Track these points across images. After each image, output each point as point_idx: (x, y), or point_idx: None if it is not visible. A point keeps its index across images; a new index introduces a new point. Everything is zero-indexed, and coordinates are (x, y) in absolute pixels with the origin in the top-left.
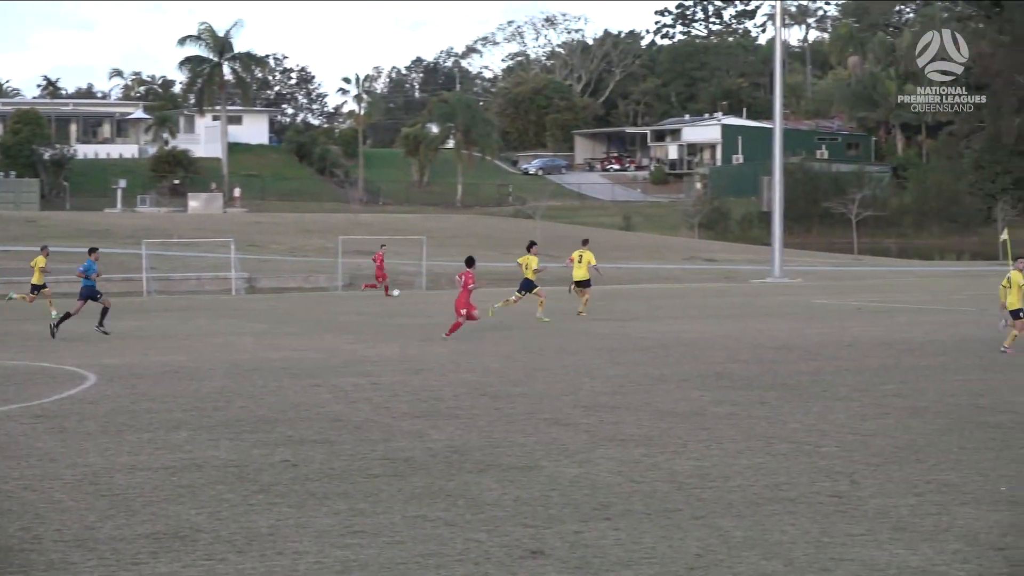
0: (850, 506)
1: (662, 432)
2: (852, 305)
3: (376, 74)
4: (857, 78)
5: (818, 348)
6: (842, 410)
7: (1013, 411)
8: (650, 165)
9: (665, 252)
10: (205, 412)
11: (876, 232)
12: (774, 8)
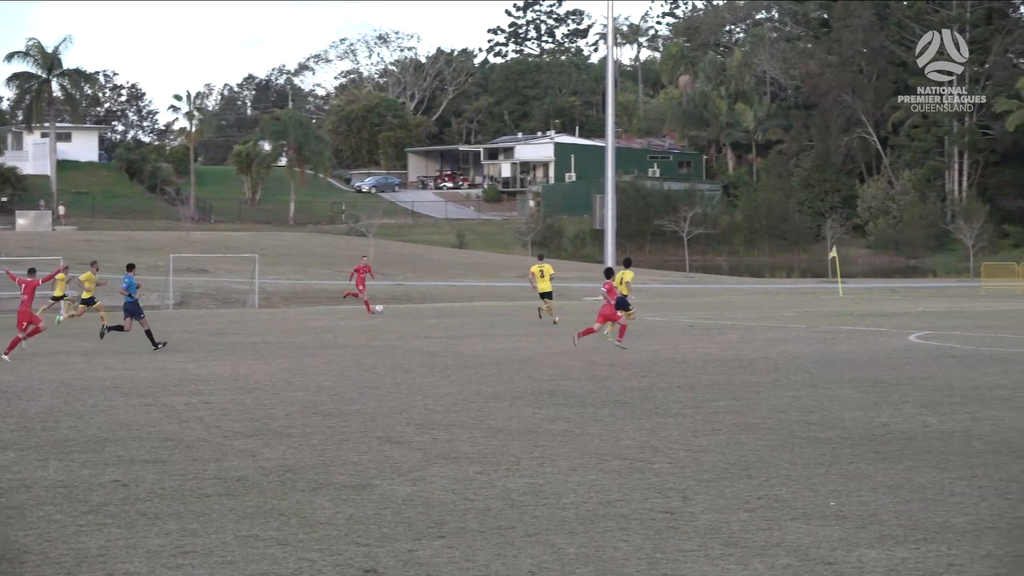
0: (682, 522)
1: (496, 450)
2: (684, 322)
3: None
4: (688, 97)
5: (650, 365)
6: (674, 427)
7: (842, 427)
8: (483, 183)
9: (498, 269)
10: (33, 432)
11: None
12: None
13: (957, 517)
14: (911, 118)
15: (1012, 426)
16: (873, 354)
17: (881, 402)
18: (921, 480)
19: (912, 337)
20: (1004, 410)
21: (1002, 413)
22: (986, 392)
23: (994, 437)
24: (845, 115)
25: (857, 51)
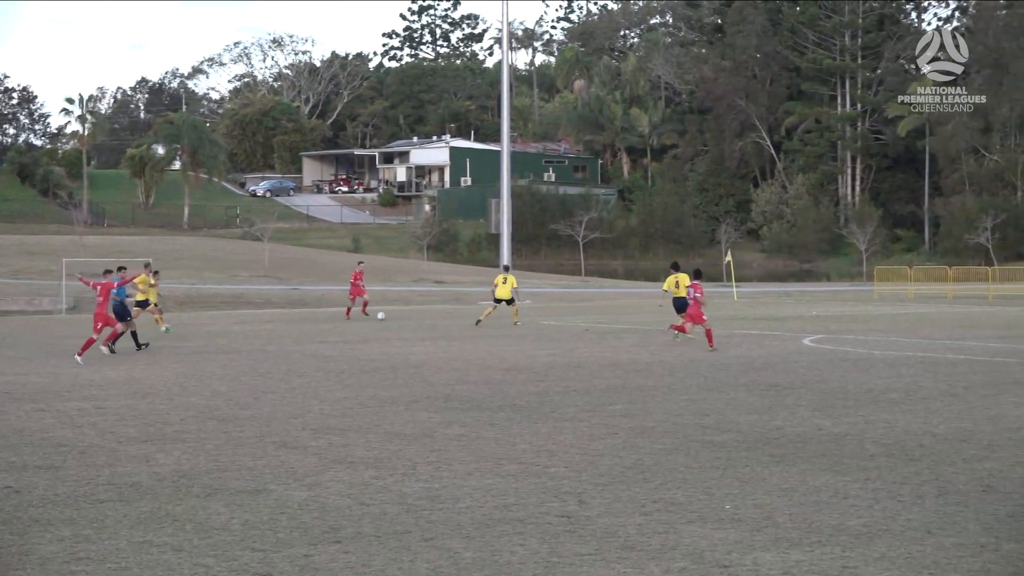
0: (579, 526)
1: (392, 454)
2: (580, 326)
3: (100, 94)
4: (583, 102)
5: (546, 369)
6: (570, 431)
7: (737, 430)
8: (379, 187)
9: (394, 274)
10: None
11: (603, 254)
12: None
13: (851, 519)
14: (804, 123)
15: (904, 429)
16: (767, 358)
17: (775, 405)
18: (815, 483)
19: (806, 341)
20: (896, 413)
21: (894, 416)
22: (879, 395)
23: (887, 440)
24: (739, 120)
25: (751, 56)
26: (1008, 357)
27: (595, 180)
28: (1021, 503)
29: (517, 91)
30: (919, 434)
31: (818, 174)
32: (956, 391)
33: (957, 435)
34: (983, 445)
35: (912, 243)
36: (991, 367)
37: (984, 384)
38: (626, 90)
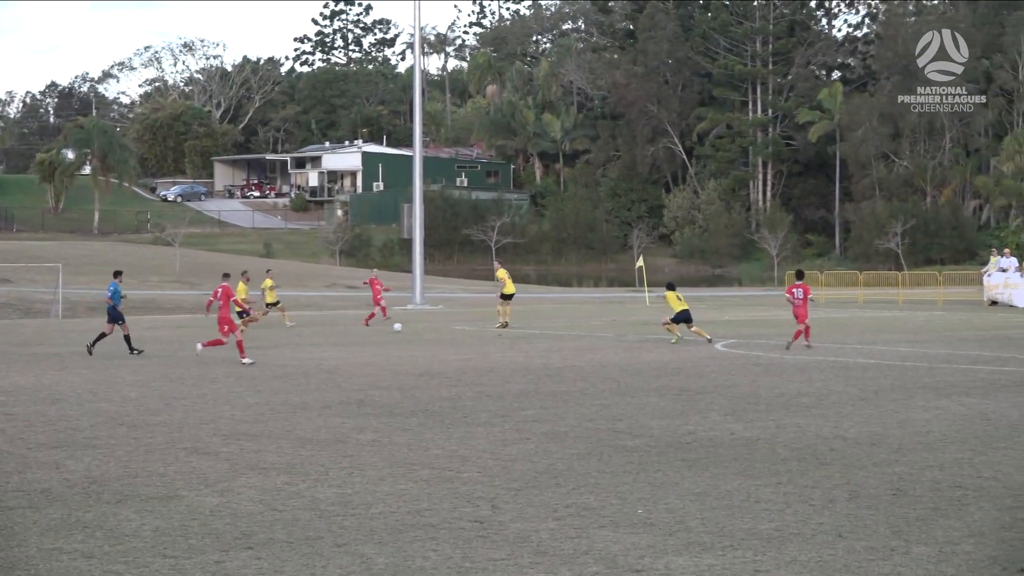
0: (491, 531)
1: (304, 460)
2: (493, 331)
3: (9, 98)
4: (496, 107)
5: (459, 374)
6: (483, 436)
7: (649, 435)
8: (290, 192)
9: (306, 279)
10: None
11: (515, 259)
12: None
13: (763, 523)
14: (716, 128)
15: (816, 433)
16: (680, 362)
17: (688, 410)
18: (727, 487)
19: (718, 346)
20: (808, 417)
21: (806, 420)
22: (790, 400)
23: (798, 444)
24: (651, 125)
25: (663, 62)
26: (918, 361)
27: (508, 185)
28: (931, 507)
29: (429, 96)
30: (830, 438)
31: (730, 179)
32: (866, 395)
33: (868, 439)
34: (893, 449)
35: (823, 248)
36: (901, 371)
37: (894, 388)
38: (538, 95)
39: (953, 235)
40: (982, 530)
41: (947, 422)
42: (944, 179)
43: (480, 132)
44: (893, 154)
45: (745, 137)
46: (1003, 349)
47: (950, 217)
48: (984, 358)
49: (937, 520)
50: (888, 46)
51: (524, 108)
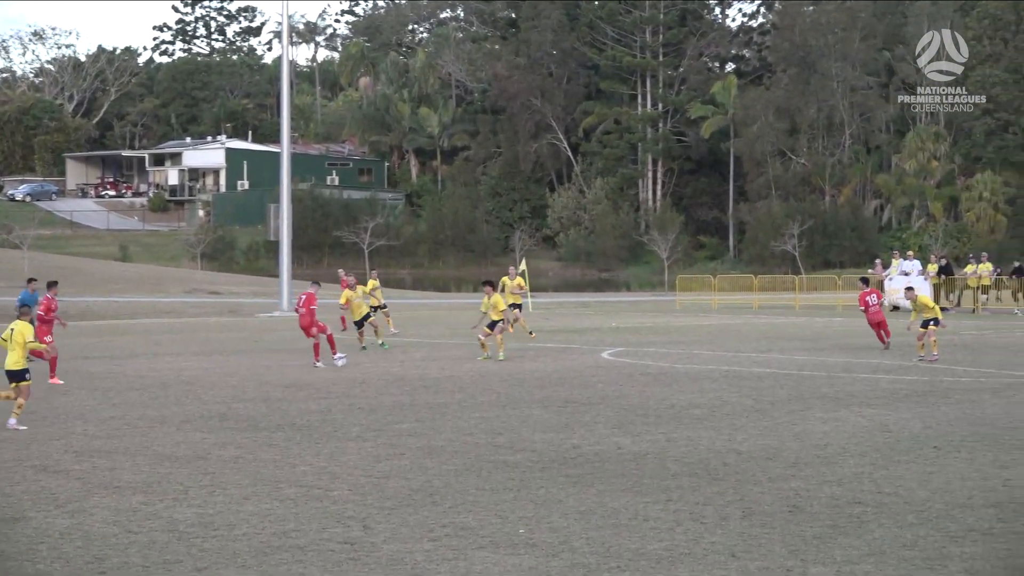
0: (363, 553)
1: (161, 478)
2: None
3: None
4: (369, 100)
5: (329, 385)
6: (354, 451)
7: (532, 450)
8: (148, 191)
9: (165, 284)
10: None
11: (390, 262)
12: (280, 25)
13: (651, 543)
14: (603, 123)
15: (708, 447)
16: (564, 372)
17: (573, 423)
18: (614, 505)
19: (605, 354)
20: (699, 430)
21: (697, 433)
22: (681, 411)
23: (689, 459)
24: (534, 120)
25: (547, 53)
26: (815, 370)
27: (381, 184)
28: (829, 524)
29: (298, 89)
30: (723, 452)
31: (617, 178)
32: (762, 406)
33: (763, 453)
34: (789, 463)
35: (716, 251)
36: (798, 381)
37: (790, 399)
38: (415, 88)
39: (853, 237)
40: (883, 549)
41: (846, 434)
42: (843, 178)
43: (352, 127)
44: (790, 151)
45: (634, 133)
46: (905, 357)
47: (850, 218)
48: (885, 367)
49: (835, 538)
50: (785, 37)
51: (399, 102)
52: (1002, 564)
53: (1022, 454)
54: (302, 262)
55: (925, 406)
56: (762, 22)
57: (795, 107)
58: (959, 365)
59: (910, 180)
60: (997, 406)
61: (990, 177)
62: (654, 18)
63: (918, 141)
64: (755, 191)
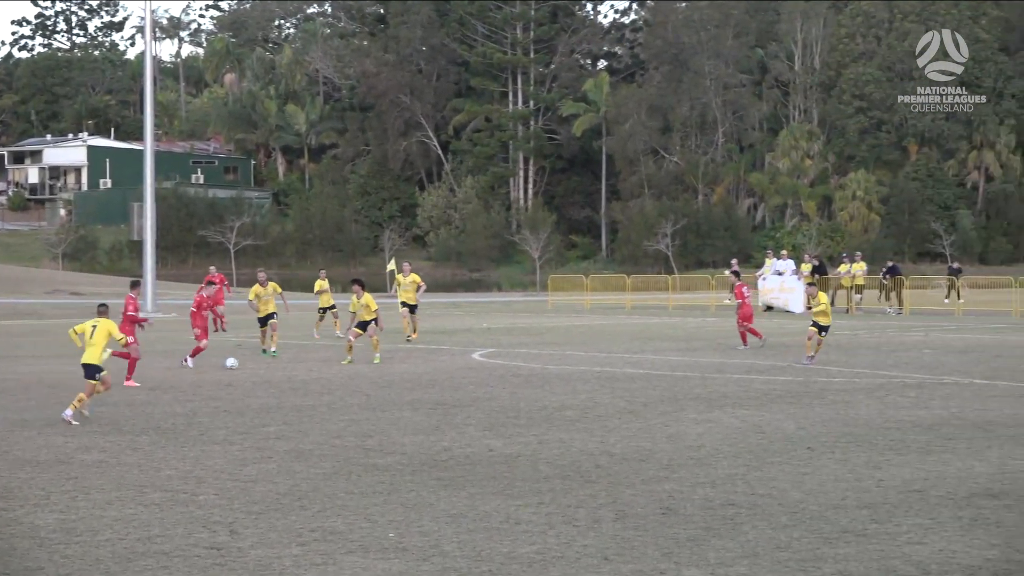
0: (230, 558)
1: (22, 483)
2: (231, 341)
3: None
4: (235, 97)
5: (195, 388)
6: (221, 455)
7: (402, 452)
8: (8, 190)
9: (25, 285)
10: None
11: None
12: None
13: (523, 546)
14: (474, 121)
15: (580, 449)
16: (434, 374)
17: (443, 425)
18: (485, 508)
19: (476, 355)
20: (572, 432)
21: (570, 435)
22: (553, 413)
23: (562, 461)
24: (404, 118)
25: (416, 49)
26: (689, 371)
27: (248, 182)
28: (702, 526)
29: (162, 85)
30: (596, 454)
31: (488, 176)
32: (634, 408)
33: (635, 455)
34: (662, 465)
35: (588, 250)
36: (671, 382)
37: (663, 400)
38: (281, 85)
39: (726, 236)
40: (756, 551)
41: (719, 436)
42: (717, 176)
43: (218, 125)
44: (663, 149)
45: (505, 131)
46: (778, 358)
47: (723, 217)
48: (759, 367)
49: (709, 540)
50: (657, 34)
51: (266, 99)
52: (876, 565)
53: (895, 455)
54: (166, 262)
55: (799, 407)
56: (634, 19)
57: (668, 105)
58: (832, 366)
59: (784, 179)
60: (870, 406)
61: (863, 176)
62: (525, 14)
63: (791, 139)
64: (628, 190)
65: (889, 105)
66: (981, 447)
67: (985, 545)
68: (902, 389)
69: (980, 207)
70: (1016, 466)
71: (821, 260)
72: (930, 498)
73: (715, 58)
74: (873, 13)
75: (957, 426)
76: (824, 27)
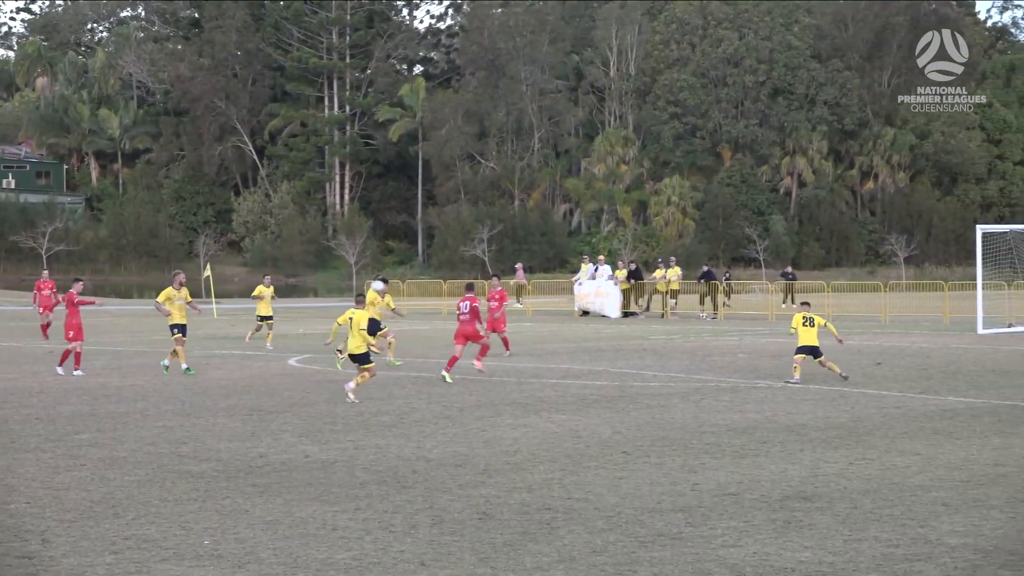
0: (41, 567)
1: None
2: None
3: None
4: (47, 101)
5: (5, 395)
6: (32, 462)
7: (217, 459)
8: None
9: None
10: None
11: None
12: None
13: (340, 553)
14: (290, 126)
15: (397, 454)
16: (250, 380)
17: (259, 431)
18: (302, 514)
19: (292, 361)
20: (388, 437)
21: (386, 441)
22: (370, 419)
23: (378, 466)
24: (219, 123)
25: (231, 54)
26: (505, 376)
27: (60, 187)
28: (519, 531)
29: None
30: (412, 460)
31: (304, 181)
32: (451, 413)
33: (452, 460)
34: (479, 470)
35: (405, 255)
36: (487, 387)
37: (480, 405)
38: (94, 89)
39: (543, 241)
40: (573, 555)
41: (536, 440)
42: (533, 182)
43: (29, 129)
44: (479, 155)
45: (321, 136)
46: (595, 362)
47: (539, 222)
48: (575, 372)
49: (526, 545)
50: (473, 39)
51: (78, 103)
52: (691, 568)
53: (710, 458)
54: None
55: (615, 411)
56: (451, 24)
57: (484, 110)
58: (648, 370)
59: (599, 184)
60: (686, 410)
61: (678, 181)
62: (341, 19)
63: (607, 145)
64: (444, 195)
65: (703, 111)
66: (794, 450)
67: (798, 547)
68: (716, 393)
69: (793, 212)
70: (828, 469)
71: (637, 265)
72: (744, 501)
73: (531, 64)
74: (687, 20)
75: (770, 430)
76: (639, 33)
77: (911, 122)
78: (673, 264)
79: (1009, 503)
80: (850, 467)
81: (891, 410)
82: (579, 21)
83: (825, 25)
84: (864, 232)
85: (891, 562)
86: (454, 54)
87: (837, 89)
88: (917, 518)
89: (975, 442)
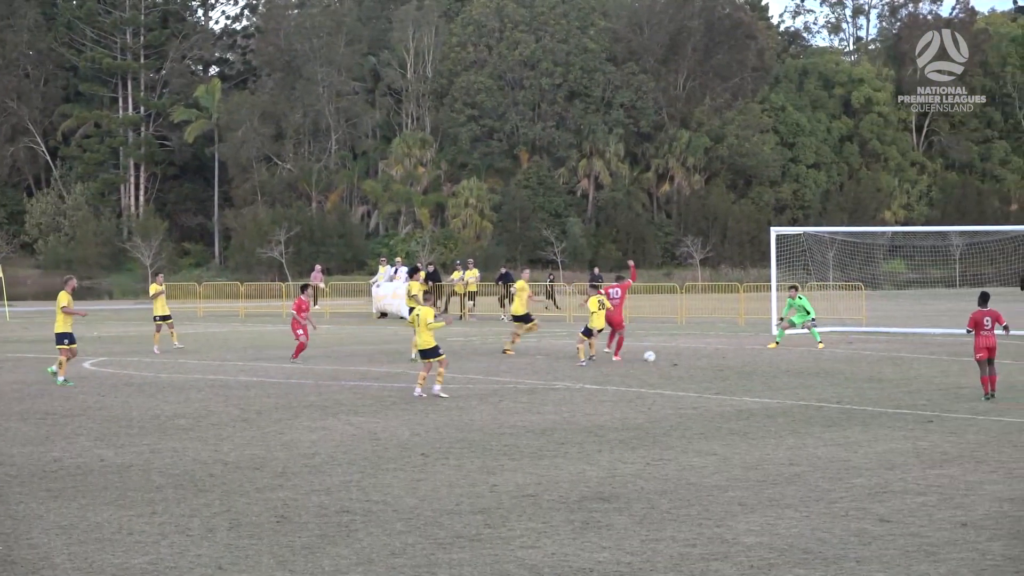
0: None
1: None
2: None
3: None
4: None
5: None
6: None
7: (10, 464)
8: None
9: None
10: None
11: None
12: None
13: (136, 557)
14: (83, 127)
15: (193, 458)
16: (44, 384)
17: (53, 435)
18: (97, 519)
19: (87, 364)
20: (185, 441)
21: (183, 444)
22: (166, 422)
23: (175, 470)
24: (10, 123)
25: (23, 53)
26: (303, 379)
27: None
28: (317, 534)
29: None
30: (209, 463)
31: (99, 183)
32: (248, 416)
33: (250, 463)
34: (277, 473)
35: (202, 257)
36: (286, 390)
37: (278, 408)
38: None
39: (340, 243)
40: (371, 557)
41: (334, 443)
42: (330, 183)
43: None
44: (276, 156)
45: (115, 137)
46: (393, 364)
47: (337, 224)
48: (373, 374)
49: (324, 548)
50: (270, 40)
51: None
52: (489, 570)
53: (509, 460)
54: None
55: (413, 413)
56: (246, 25)
57: (281, 112)
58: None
59: (397, 186)
60: (484, 412)
61: (476, 184)
62: (135, 19)
63: (404, 147)
64: (241, 197)
65: (501, 113)
66: (592, 451)
67: (596, 548)
68: (515, 395)
69: (590, 214)
70: (625, 470)
71: (435, 267)
72: (543, 502)
73: (328, 65)
74: (484, 23)
75: (568, 431)
76: (436, 35)
77: (706, 125)
78: (471, 266)
79: (803, 502)
80: (647, 468)
81: (688, 411)
82: (376, 23)
83: (621, 28)
84: (660, 234)
85: (688, 561)
86: (250, 55)
87: (633, 92)
88: (714, 518)
89: (770, 442)
